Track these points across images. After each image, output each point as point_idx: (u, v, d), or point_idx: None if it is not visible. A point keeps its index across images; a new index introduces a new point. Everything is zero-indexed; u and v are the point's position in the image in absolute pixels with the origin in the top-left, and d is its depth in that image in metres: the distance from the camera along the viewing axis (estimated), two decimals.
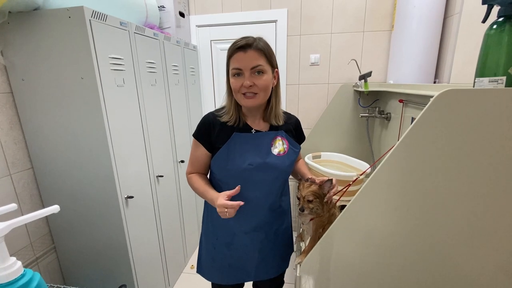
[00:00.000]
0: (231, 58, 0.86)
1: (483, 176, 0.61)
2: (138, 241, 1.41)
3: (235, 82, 0.85)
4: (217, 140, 0.92)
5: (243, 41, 0.83)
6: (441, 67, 1.64)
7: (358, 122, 2.07)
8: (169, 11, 1.87)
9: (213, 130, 0.93)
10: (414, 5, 1.57)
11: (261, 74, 0.84)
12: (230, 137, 0.91)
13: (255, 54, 0.82)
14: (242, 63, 0.83)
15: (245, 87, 0.84)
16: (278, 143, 0.94)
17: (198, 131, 0.96)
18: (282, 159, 0.93)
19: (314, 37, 2.05)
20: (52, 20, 1.06)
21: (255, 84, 0.84)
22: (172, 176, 1.81)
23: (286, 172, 0.97)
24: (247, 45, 0.82)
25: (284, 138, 0.96)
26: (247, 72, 0.83)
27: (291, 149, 0.96)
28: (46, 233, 1.36)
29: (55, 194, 1.30)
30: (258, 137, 0.93)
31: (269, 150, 0.92)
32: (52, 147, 1.23)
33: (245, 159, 0.90)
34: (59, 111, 1.17)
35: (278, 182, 0.97)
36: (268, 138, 0.93)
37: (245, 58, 0.82)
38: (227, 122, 0.92)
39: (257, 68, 0.83)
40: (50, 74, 1.13)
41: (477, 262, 0.68)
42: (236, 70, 0.84)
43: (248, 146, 0.91)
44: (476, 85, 0.64)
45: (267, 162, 0.90)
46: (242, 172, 0.90)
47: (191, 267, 2.06)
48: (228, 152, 0.91)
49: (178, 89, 1.87)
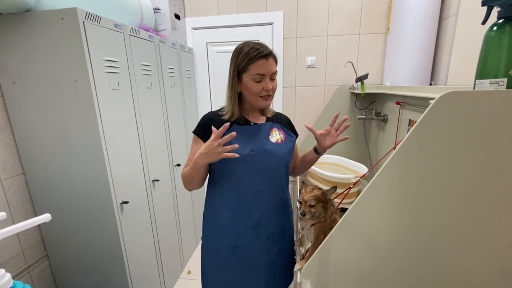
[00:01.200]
0: (252, 64, 0.91)
1: (484, 178, 0.61)
2: (134, 247, 1.38)
3: (257, 87, 0.93)
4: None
5: (264, 49, 0.91)
6: (437, 69, 1.65)
7: (354, 124, 2.07)
8: (165, 13, 1.86)
9: (213, 125, 0.96)
10: (409, 8, 1.58)
11: (275, 79, 0.96)
12: (230, 129, 0.93)
13: (273, 62, 0.94)
14: (266, 70, 0.92)
15: (266, 90, 0.93)
16: (275, 133, 1.02)
17: (198, 127, 1.01)
18: (280, 146, 1.01)
19: (311, 39, 2.05)
20: (44, 21, 1.04)
21: (273, 88, 0.95)
22: (168, 180, 1.78)
23: (286, 157, 1.03)
24: (269, 54, 0.92)
25: (280, 129, 1.05)
26: (268, 77, 0.93)
27: (288, 138, 1.05)
28: (38, 241, 1.32)
29: (47, 200, 1.27)
30: (256, 128, 1.01)
31: (267, 138, 1.00)
32: (44, 152, 1.20)
33: (246, 146, 0.95)
34: (51, 115, 1.14)
35: (280, 168, 1.01)
36: (265, 128, 1.02)
37: (268, 65, 0.92)
38: (228, 119, 0.97)
39: (275, 74, 0.95)
40: (42, 77, 1.10)
41: (478, 264, 0.67)
42: (260, 76, 0.92)
43: (248, 135, 0.98)
44: (477, 87, 0.63)
45: (267, 148, 0.97)
46: (244, 158, 0.93)
47: (188, 273, 2.02)
48: (230, 141, 0.91)
49: (174, 92, 1.85)
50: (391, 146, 1.62)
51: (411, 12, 1.58)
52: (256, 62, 0.90)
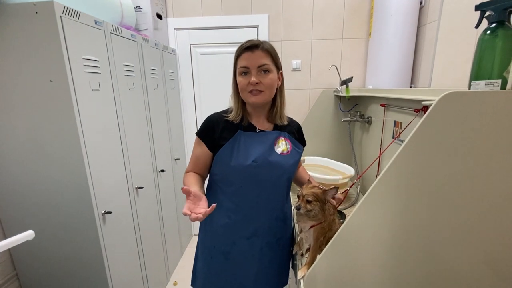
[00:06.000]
0: (238, 58, 0.89)
1: (485, 176, 0.63)
2: (117, 261, 1.28)
3: (242, 81, 0.88)
4: (221, 137, 0.93)
5: (251, 42, 0.87)
6: (416, 72, 1.73)
7: (339, 126, 2.11)
8: (146, 12, 1.78)
9: (217, 127, 0.93)
10: (391, 14, 1.64)
11: (267, 73, 0.88)
12: (234, 135, 0.92)
13: (262, 54, 0.87)
14: (249, 62, 0.86)
15: (252, 84, 0.86)
16: (281, 143, 0.96)
17: (201, 129, 0.96)
18: (286, 158, 0.94)
19: (296, 43, 2.07)
20: (16, 15, 0.94)
21: (261, 82, 0.87)
22: (153, 187, 1.69)
23: (289, 171, 0.97)
24: (254, 46, 0.87)
25: (287, 138, 0.98)
26: (254, 70, 0.87)
27: (294, 149, 0.98)
28: (6, 259, 1.18)
29: (18, 212, 1.14)
30: (262, 135, 0.95)
31: (272, 149, 0.94)
32: (15, 158, 1.08)
33: (248, 156, 0.90)
34: (24, 117, 1.03)
35: (282, 182, 0.97)
36: (271, 137, 0.95)
37: (252, 57, 0.86)
38: (232, 120, 0.94)
39: (263, 67, 0.87)
40: (13, 76, 0.99)
41: (481, 263, 0.69)
42: (244, 69, 0.87)
43: (252, 144, 0.92)
44: (472, 88, 0.66)
45: (270, 160, 0.91)
46: (245, 169, 0.89)
47: (174, 284, 1.92)
48: (232, 149, 0.90)
49: (157, 94, 1.77)
50: (376, 147, 1.67)
51: (392, 18, 1.65)
52: (241, 55, 0.88)
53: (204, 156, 0.96)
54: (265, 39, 2.05)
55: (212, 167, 0.96)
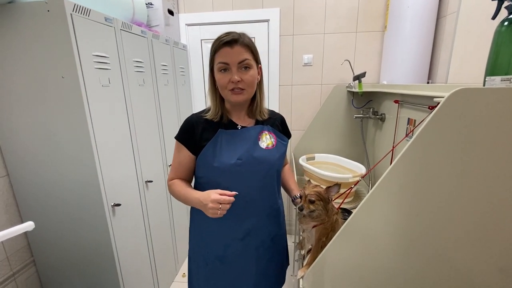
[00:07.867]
0: (216, 53, 0.84)
1: (495, 177, 0.58)
2: (126, 251, 1.33)
3: (222, 78, 0.83)
4: (202, 138, 0.89)
5: (229, 36, 0.81)
6: (435, 67, 1.64)
7: (351, 123, 2.05)
8: (158, 9, 1.80)
9: (197, 129, 0.89)
10: (407, 6, 1.56)
11: (248, 70, 0.83)
12: (215, 134, 0.88)
13: (242, 49, 0.82)
14: (230, 58, 0.81)
15: (233, 83, 0.82)
16: (265, 137, 0.92)
17: (180, 132, 0.92)
18: (271, 152, 0.91)
19: (307, 37, 2.02)
20: (28, 14, 0.97)
21: (242, 80, 0.82)
22: (162, 181, 1.73)
23: (277, 164, 0.94)
24: (234, 41, 0.81)
25: (271, 132, 0.95)
26: (234, 67, 0.82)
27: (279, 142, 0.95)
28: (24, 246, 1.25)
29: (34, 203, 1.20)
30: (244, 132, 0.91)
31: (257, 144, 0.90)
32: (30, 153, 1.13)
33: (232, 154, 0.87)
34: (37, 113, 1.08)
35: (270, 176, 0.94)
36: (254, 133, 0.92)
37: (232, 53, 0.81)
38: (211, 119, 0.90)
39: (244, 62, 0.82)
40: (26, 73, 1.03)
41: (485, 265, 0.65)
42: (223, 65, 0.82)
43: (235, 142, 0.88)
44: (487, 84, 0.61)
45: (256, 156, 0.88)
46: (230, 168, 0.86)
47: (182, 275, 1.97)
48: (214, 148, 0.87)
49: (168, 90, 1.80)
50: (389, 145, 1.61)
51: (409, 10, 1.56)
52: (219, 50, 0.82)
53: (187, 161, 0.92)
54: (276, 34, 2.02)
55: (196, 170, 0.93)
